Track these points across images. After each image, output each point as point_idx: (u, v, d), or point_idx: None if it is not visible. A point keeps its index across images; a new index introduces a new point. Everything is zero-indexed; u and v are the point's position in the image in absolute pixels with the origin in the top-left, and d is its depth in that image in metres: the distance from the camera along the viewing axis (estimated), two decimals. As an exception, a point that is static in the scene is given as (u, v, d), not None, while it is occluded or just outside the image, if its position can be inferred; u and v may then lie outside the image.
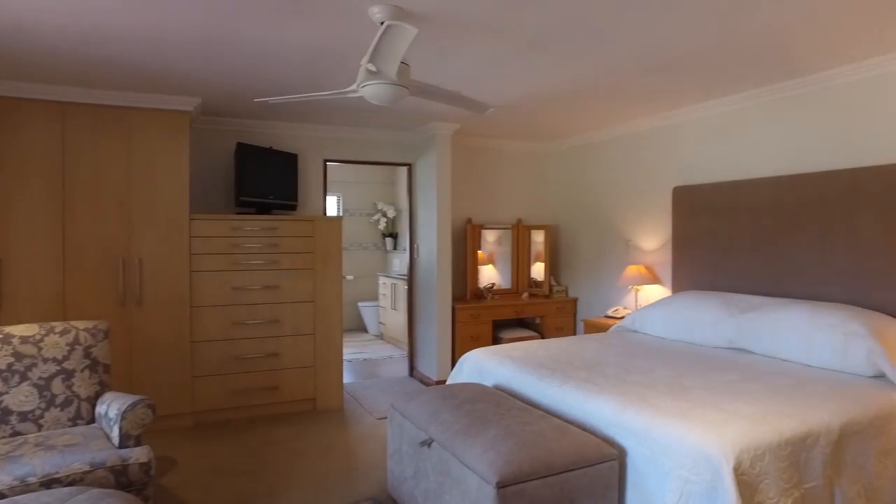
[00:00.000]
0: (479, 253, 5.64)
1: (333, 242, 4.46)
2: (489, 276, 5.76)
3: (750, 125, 3.89)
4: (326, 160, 5.07)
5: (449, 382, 3.44)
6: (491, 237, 5.79)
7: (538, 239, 5.78)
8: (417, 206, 5.44)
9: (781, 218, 3.55)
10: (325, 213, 5.10)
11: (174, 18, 2.56)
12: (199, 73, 3.38)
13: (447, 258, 5.05)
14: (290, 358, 4.33)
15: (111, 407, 2.57)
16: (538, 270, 5.77)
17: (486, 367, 3.20)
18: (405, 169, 5.57)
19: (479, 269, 5.65)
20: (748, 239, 3.75)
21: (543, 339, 4.92)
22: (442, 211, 5.02)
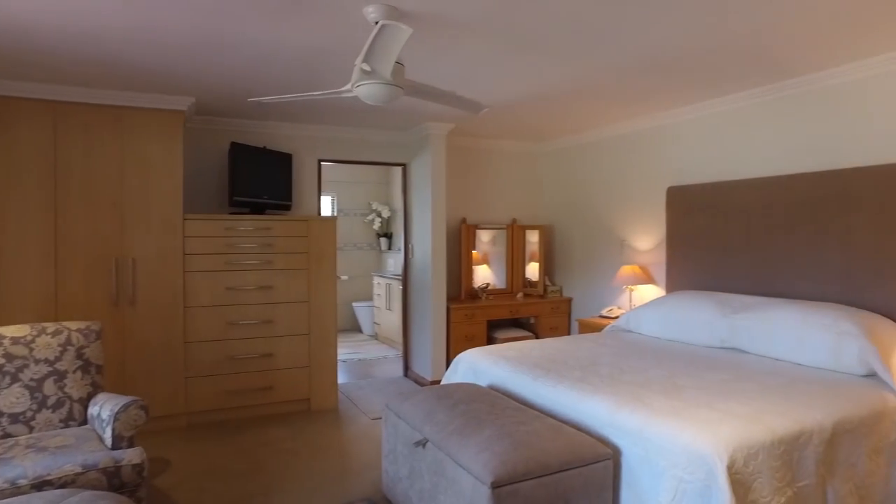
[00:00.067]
0: (473, 253, 5.64)
1: (328, 242, 4.45)
2: (484, 276, 5.76)
3: (744, 126, 3.90)
4: (321, 160, 5.06)
5: (444, 382, 3.44)
6: (485, 237, 5.79)
7: (533, 239, 5.79)
8: (412, 206, 5.44)
9: (775, 218, 3.57)
10: (319, 213, 5.09)
11: (168, 18, 2.55)
12: (192, 72, 3.36)
13: (442, 258, 5.05)
14: (284, 358, 4.32)
15: (104, 408, 2.56)
16: (533, 270, 5.77)
17: (480, 367, 3.20)
18: (400, 169, 5.57)
19: (473, 269, 5.64)
20: (742, 239, 3.77)
21: (538, 339, 4.93)
22: (436, 211, 5.02)
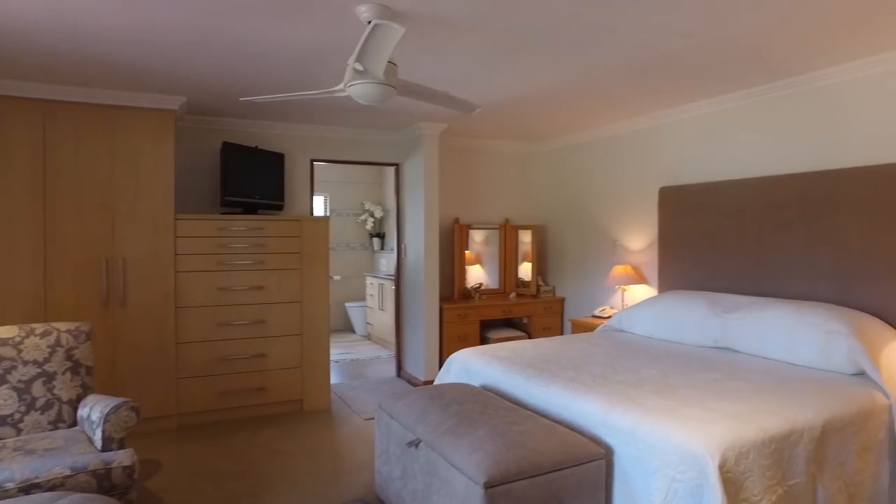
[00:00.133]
0: (466, 253, 5.64)
1: (320, 242, 4.44)
2: (476, 276, 5.76)
3: (735, 126, 3.93)
4: (313, 160, 5.04)
5: (436, 383, 3.44)
6: (478, 237, 5.80)
7: (525, 239, 5.79)
8: (405, 206, 5.43)
9: (766, 218, 3.59)
10: (311, 213, 5.07)
11: (160, 17, 2.53)
12: (184, 71, 3.34)
13: (434, 258, 5.05)
14: (276, 359, 4.30)
15: (94, 410, 2.53)
16: (525, 270, 5.78)
17: (473, 367, 3.20)
18: (392, 169, 5.56)
19: (466, 269, 5.65)
20: (733, 239, 3.79)
21: (531, 338, 4.94)
22: (429, 211, 5.01)
